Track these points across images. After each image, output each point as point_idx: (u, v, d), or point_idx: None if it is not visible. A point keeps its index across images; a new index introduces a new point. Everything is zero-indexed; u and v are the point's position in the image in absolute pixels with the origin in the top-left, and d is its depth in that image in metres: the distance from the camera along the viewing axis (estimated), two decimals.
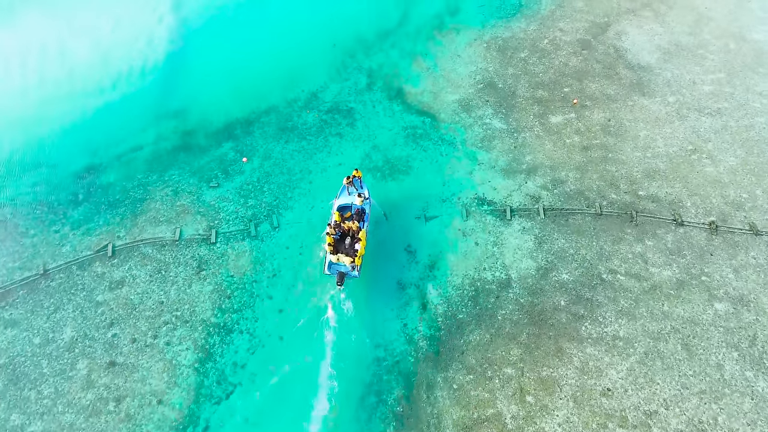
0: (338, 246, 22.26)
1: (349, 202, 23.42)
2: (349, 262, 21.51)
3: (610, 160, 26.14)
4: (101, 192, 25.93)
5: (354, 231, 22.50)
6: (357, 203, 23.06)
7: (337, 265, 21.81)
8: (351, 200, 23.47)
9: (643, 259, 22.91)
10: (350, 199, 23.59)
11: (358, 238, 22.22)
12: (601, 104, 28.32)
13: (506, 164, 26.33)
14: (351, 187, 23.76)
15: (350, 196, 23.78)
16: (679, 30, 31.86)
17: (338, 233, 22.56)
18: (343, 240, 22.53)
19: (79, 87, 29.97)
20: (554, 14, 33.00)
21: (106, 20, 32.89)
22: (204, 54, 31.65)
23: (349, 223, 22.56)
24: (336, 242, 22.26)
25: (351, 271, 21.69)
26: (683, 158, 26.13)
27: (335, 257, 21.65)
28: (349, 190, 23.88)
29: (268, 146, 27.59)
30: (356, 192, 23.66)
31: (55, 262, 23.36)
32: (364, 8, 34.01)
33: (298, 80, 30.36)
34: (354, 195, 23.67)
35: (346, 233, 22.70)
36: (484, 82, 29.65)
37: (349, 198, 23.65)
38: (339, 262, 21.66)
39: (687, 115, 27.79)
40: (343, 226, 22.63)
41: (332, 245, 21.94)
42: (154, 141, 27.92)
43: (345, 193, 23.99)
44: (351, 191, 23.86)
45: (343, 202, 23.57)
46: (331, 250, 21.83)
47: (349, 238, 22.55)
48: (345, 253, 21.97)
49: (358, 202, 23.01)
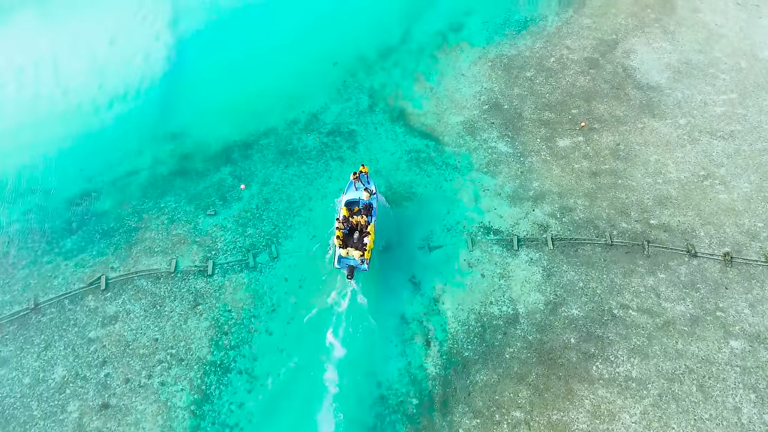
0: (347, 240, 22.65)
1: (357, 197, 23.60)
2: (359, 256, 21.85)
3: (620, 186, 25.31)
4: (95, 220, 25.16)
5: (362, 225, 22.83)
6: (364, 198, 23.26)
7: (347, 259, 22.15)
8: (358, 195, 23.63)
9: (656, 293, 22.09)
10: (357, 194, 23.72)
11: (367, 232, 22.58)
12: (610, 127, 27.49)
13: (513, 191, 25.52)
14: (358, 182, 23.88)
15: (357, 191, 23.84)
16: (689, 48, 31.01)
17: (347, 228, 22.83)
18: (351, 234, 22.90)
19: (74, 107, 29.21)
20: (561, 31, 32.18)
21: (102, 36, 32.10)
22: (202, 73, 30.85)
23: (358, 218, 22.84)
24: (345, 237, 22.66)
25: (360, 264, 22.04)
26: (695, 184, 25.30)
27: (344, 251, 22.02)
28: (356, 185, 23.99)
29: (267, 171, 26.80)
30: (363, 187, 23.70)
31: (47, 295, 22.59)
32: (365, 25, 33.18)
33: (298, 101, 29.57)
34: (361, 190, 23.75)
35: (354, 228, 22.99)
36: (489, 102, 28.84)
37: (356, 193, 23.78)
38: (348, 256, 22.03)
39: (699, 138, 26.96)
40: (352, 220, 22.89)
41: (341, 239, 22.29)
42: (150, 165, 27.13)
43: (352, 188, 24.08)
44: (358, 186, 23.94)
45: (350, 197, 23.73)
46: (340, 244, 22.20)
47: (357, 233, 22.90)
48: (354, 247, 22.28)
49: (365, 197, 23.21)
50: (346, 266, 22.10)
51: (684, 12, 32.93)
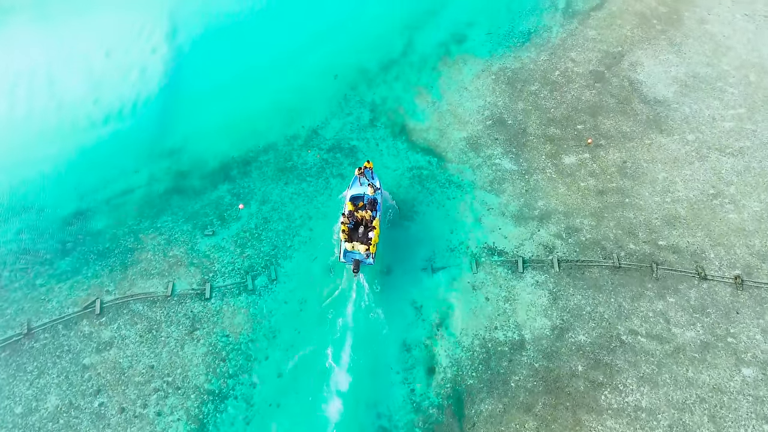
0: (352, 235, 22.91)
1: (361, 193, 23.96)
2: (364, 250, 22.12)
3: (628, 205, 24.73)
4: (90, 240, 24.57)
5: (367, 220, 23.08)
6: (369, 193, 23.63)
7: (352, 253, 22.43)
8: (363, 191, 23.98)
9: (665, 318, 21.51)
10: (362, 189, 24.07)
11: (372, 226, 22.87)
12: (617, 143, 26.91)
13: (517, 210, 24.94)
14: (363, 177, 24.05)
15: (362, 186, 24.15)
16: (696, 60, 30.41)
17: (352, 222, 23.08)
18: (356, 229, 23.15)
19: (69, 122, 28.58)
20: (565, 43, 31.57)
21: (98, 49, 31.46)
22: (199, 87, 30.20)
23: (362, 213, 23.13)
24: (350, 231, 22.89)
25: (366, 258, 22.30)
26: (705, 203, 24.72)
27: (350, 245, 22.30)
28: (360, 180, 24.19)
29: (266, 189, 26.22)
30: (368, 183, 23.91)
31: (40, 320, 22.01)
32: (366, 36, 32.54)
33: (298, 115, 28.96)
34: (366, 185, 24.02)
35: (359, 222, 23.22)
36: (492, 118, 28.25)
37: (361, 188, 24.13)
38: (354, 250, 22.31)
39: (707, 155, 26.38)
40: (357, 215, 23.15)
41: (347, 234, 22.48)
42: (146, 183, 26.53)
43: (357, 183, 24.38)
44: (363, 182, 24.15)
45: (355, 192, 24.12)
46: (345, 239, 22.37)
47: (362, 227, 23.15)
48: (359, 242, 22.55)
49: (370, 192, 23.59)
50: (351, 260, 22.37)
51: (691, 23, 32.33)
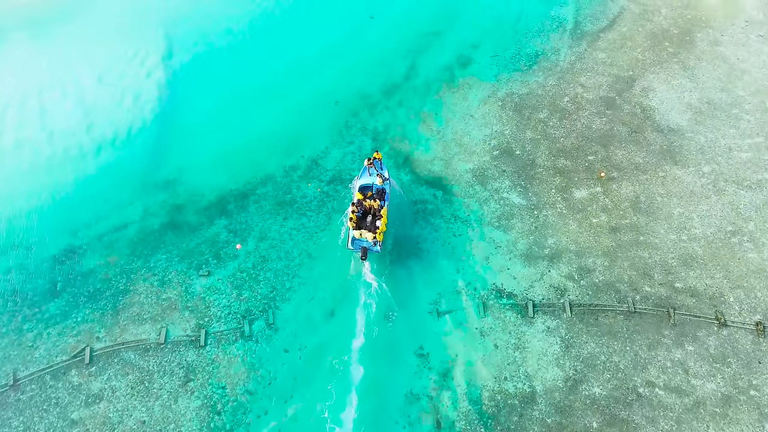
0: (360, 223, 23.49)
1: (370, 182, 24.44)
2: (371, 238, 22.69)
3: (642, 244, 23.66)
4: (81, 280, 23.53)
5: (375, 209, 23.68)
6: (378, 183, 24.15)
7: (360, 241, 23.08)
8: (372, 180, 24.45)
9: (684, 368, 20.43)
10: (371, 179, 24.53)
11: (380, 215, 23.41)
12: (630, 175, 25.82)
13: (526, 248, 23.87)
14: (372, 168, 24.48)
15: (371, 176, 24.61)
16: (710, 85, 29.31)
17: (361, 211, 23.67)
18: (365, 217, 23.72)
19: (60, 152, 27.53)
20: (574, 67, 30.47)
21: (91, 73, 30.40)
22: (195, 114, 29.14)
23: (371, 202, 23.68)
24: (359, 219, 23.51)
25: (373, 246, 22.89)
26: (723, 241, 23.63)
27: (358, 233, 22.91)
28: (369, 171, 24.65)
29: (264, 224, 25.16)
30: (377, 173, 24.33)
31: (27, 369, 20.97)
32: (368, 60, 31.44)
33: (298, 145, 27.88)
34: (375, 176, 24.49)
35: (368, 211, 23.80)
36: (500, 148, 27.17)
37: (370, 179, 24.59)
38: (362, 237, 22.95)
39: (724, 188, 25.28)
40: (365, 204, 23.70)
41: (355, 222, 23.11)
42: (140, 218, 25.48)
43: (366, 174, 24.83)
44: (372, 172, 24.60)
45: (364, 182, 24.62)
46: (353, 226, 23.00)
47: (370, 216, 23.70)
48: (367, 230, 22.99)
49: (378, 182, 24.12)
50: (359, 248, 22.99)
51: (703, 45, 31.23)
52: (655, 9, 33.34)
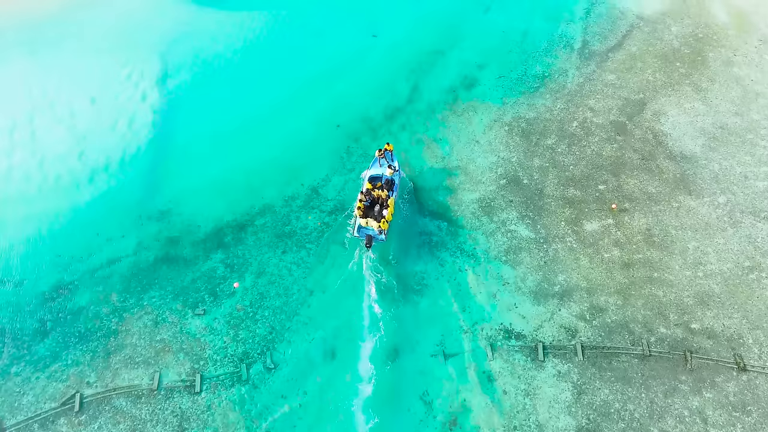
0: (367, 212, 23.95)
1: (380, 173, 24.97)
2: (377, 227, 23.20)
3: (656, 281, 22.70)
4: (71, 319, 22.56)
5: (383, 199, 24.08)
6: (387, 174, 24.71)
7: (366, 229, 23.51)
8: (382, 171, 24.99)
9: (702, 417, 19.49)
10: (381, 170, 25.05)
11: (387, 204, 23.83)
12: (642, 206, 24.85)
13: (536, 285, 22.91)
14: (383, 159, 25.09)
15: (381, 167, 25.14)
16: (724, 109, 28.33)
17: (369, 200, 24.16)
18: (372, 207, 24.18)
19: (51, 180, 26.55)
20: (583, 89, 29.48)
21: (83, 95, 29.39)
22: (191, 139, 28.10)
23: (379, 192, 24.14)
24: (366, 208, 24.02)
25: (378, 235, 23.41)
26: (740, 278, 22.68)
27: (364, 221, 23.42)
28: (380, 162, 25.19)
29: (262, 258, 24.20)
30: (387, 164, 24.95)
31: (14, 417, 20.03)
32: (370, 81, 30.43)
33: (297, 172, 26.87)
34: (385, 167, 25.01)
35: (375, 201, 24.26)
36: (507, 176, 26.20)
37: (380, 169, 25.11)
38: (367, 226, 23.41)
39: (741, 220, 24.32)
40: (374, 194, 24.22)
41: (362, 210, 23.71)
42: (133, 251, 24.52)
43: (377, 164, 25.38)
44: (383, 163, 25.16)
45: (374, 172, 25.19)
46: (360, 215, 23.61)
47: (378, 206, 24.15)
48: (374, 219, 23.54)
49: (388, 173, 24.70)
50: (365, 236, 23.43)
51: (716, 66, 30.24)
52: (665, 27, 32.36)
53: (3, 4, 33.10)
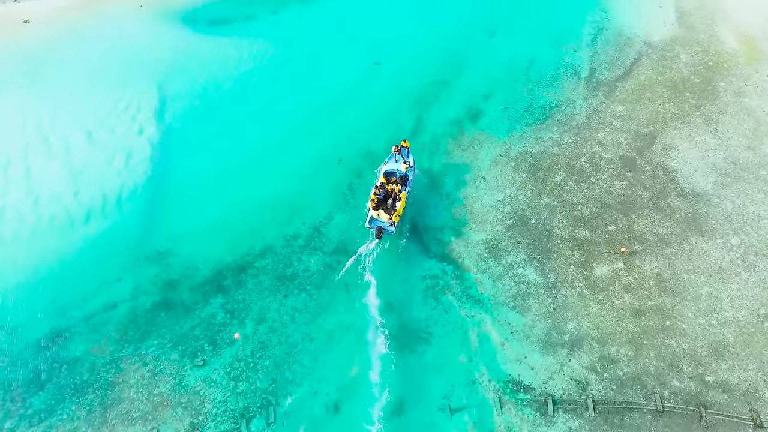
0: (380, 205, 25.01)
1: (395, 168, 26.06)
2: (387, 219, 24.25)
3: (669, 329, 22.04)
4: (67, 369, 21.92)
5: (396, 193, 25.18)
6: (402, 170, 25.82)
7: (377, 221, 24.49)
8: (397, 167, 26.06)
9: None
10: (396, 165, 26.14)
11: (399, 198, 24.92)
12: (653, 249, 24.18)
13: (544, 333, 22.25)
14: (398, 154, 26.14)
15: (397, 163, 26.21)
16: (735, 143, 27.65)
17: (382, 194, 25.13)
18: (386, 200, 25.22)
19: (46, 220, 25.89)
20: (591, 121, 28.79)
21: (80, 130, 28.71)
22: (190, 175, 27.46)
23: (393, 186, 25.26)
24: (379, 201, 25.03)
25: (389, 227, 24.39)
26: (755, 327, 22.02)
27: (376, 213, 24.43)
28: (396, 157, 26.26)
29: (263, 303, 23.55)
30: (402, 159, 26.02)
31: None
32: (373, 113, 29.77)
33: (299, 210, 26.22)
34: (400, 162, 26.10)
35: (389, 194, 25.29)
36: (514, 216, 25.53)
37: (396, 165, 26.19)
38: (379, 218, 24.42)
39: (755, 263, 23.67)
40: (387, 187, 25.29)
41: (375, 203, 24.67)
42: (130, 296, 23.86)
43: (393, 160, 26.46)
44: (398, 159, 26.21)
45: (390, 167, 26.27)
46: (373, 206, 24.57)
47: (391, 199, 25.22)
48: (386, 211, 24.60)
49: (402, 168, 25.83)
50: (376, 227, 24.31)
51: (727, 96, 29.55)
52: (674, 55, 31.67)
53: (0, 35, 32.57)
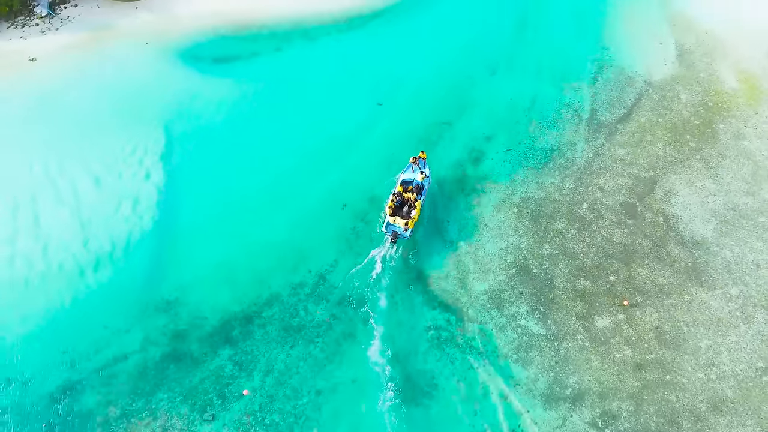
0: (396, 211, 26.49)
1: (412, 178, 27.79)
2: (403, 224, 25.71)
3: (669, 384, 22.51)
4: (79, 424, 22.28)
5: (412, 201, 26.74)
6: (418, 179, 27.57)
7: (393, 226, 26.01)
8: (414, 176, 27.77)
9: None
10: (414, 175, 27.85)
11: (415, 206, 26.52)
12: (654, 300, 24.63)
13: (547, 387, 22.72)
14: (416, 165, 27.86)
15: (414, 173, 27.88)
16: (735, 188, 28.07)
17: (399, 201, 26.68)
18: (402, 207, 26.74)
19: (55, 269, 26.17)
20: (592, 165, 29.19)
21: (88, 175, 28.96)
22: (196, 223, 27.78)
23: (409, 194, 26.85)
24: (396, 208, 26.54)
25: (404, 232, 25.92)
26: (753, 381, 22.49)
27: (392, 219, 25.89)
28: (413, 167, 27.98)
29: (270, 355, 23.98)
30: (419, 170, 27.73)
31: None
32: (376, 155, 30.13)
33: (304, 257, 26.61)
34: (417, 172, 27.78)
35: (405, 202, 26.84)
36: (516, 265, 25.95)
37: (413, 174, 27.89)
38: (395, 223, 25.87)
39: (753, 315, 24.12)
40: (404, 195, 26.87)
41: (392, 209, 26.28)
42: (140, 347, 24.26)
43: (410, 169, 28.14)
44: (415, 169, 27.93)
45: (407, 177, 27.95)
46: (390, 212, 26.17)
47: (407, 206, 26.73)
48: (402, 217, 26.03)
49: (419, 178, 27.59)
50: (391, 232, 26.09)
51: (726, 139, 29.96)
52: (675, 95, 32.07)
53: (7, 74, 32.79)
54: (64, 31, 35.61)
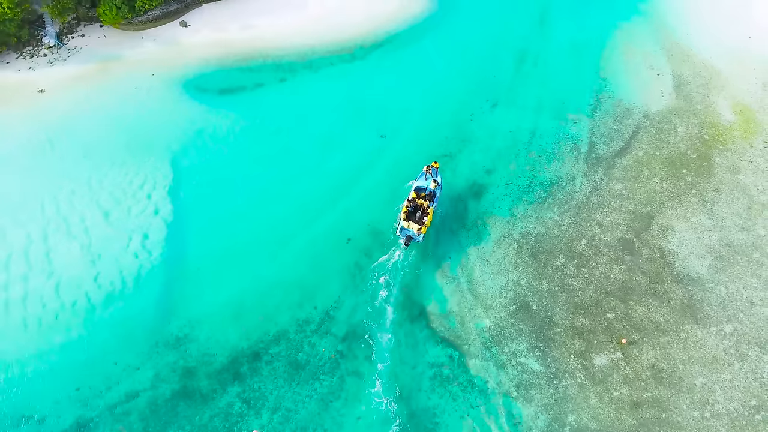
0: (410, 216, 28.13)
1: (424, 185, 29.50)
2: (416, 229, 27.56)
3: (665, 422, 23.21)
4: None
5: (424, 207, 28.39)
6: (431, 187, 29.31)
7: (407, 230, 27.91)
8: (427, 184, 29.52)
9: None
10: (427, 183, 29.58)
11: (427, 212, 28.22)
12: (650, 338, 25.32)
13: (546, 425, 23.41)
14: (429, 174, 29.72)
15: (427, 181, 29.63)
16: (730, 223, 28.73)
17: (412, 207, 28.35)
18: (415, 213, 28.35)
19: (68, 305, 26.89)
20: (590, 201, 29.84)
21: (96, 212, 29.63)
22: (204, 258, 28.48)
23: (422, 201, 28.50)
24: (409, 213, 28.17)
25: (417, 236, 27.85)
26: (747, 419, 23.19)
27: (406, 224, 27.74)
28: (426, 176, 29.80)
29: (278, 392, 24.67)
30: (432, 178, 29.59)
31: None
32: (379, 190, 30.76)
33: (310, 294, 27.30)
34: (430, 180, 29.60)
35: (418, 208, 28.46)
36: (516, 301, 26.63)
37: (426, 182, 29.62)
38: (409, 228, 27.77)
39: (747, 352, 24.81)
40: (417, 201, 28.47)
41: (406, 214, 27.87)
42: (151, 384, 24.98)
43: (423, 178, 29.91)
44: (428, 177, 29.74)
45: (420, 184, 29.64)
46: (404, 218, 27.83)
47: (420, 212, 28.35)
48: (415, 222, 27.84)
49: (432, 186, 29.35)
50: (405, 236, 27.84)
51: (722, 173, 30.60)
52: (671, 127, 32.70)
53: (16, 107, 33.41)
54: (72, 61, 36.22)
